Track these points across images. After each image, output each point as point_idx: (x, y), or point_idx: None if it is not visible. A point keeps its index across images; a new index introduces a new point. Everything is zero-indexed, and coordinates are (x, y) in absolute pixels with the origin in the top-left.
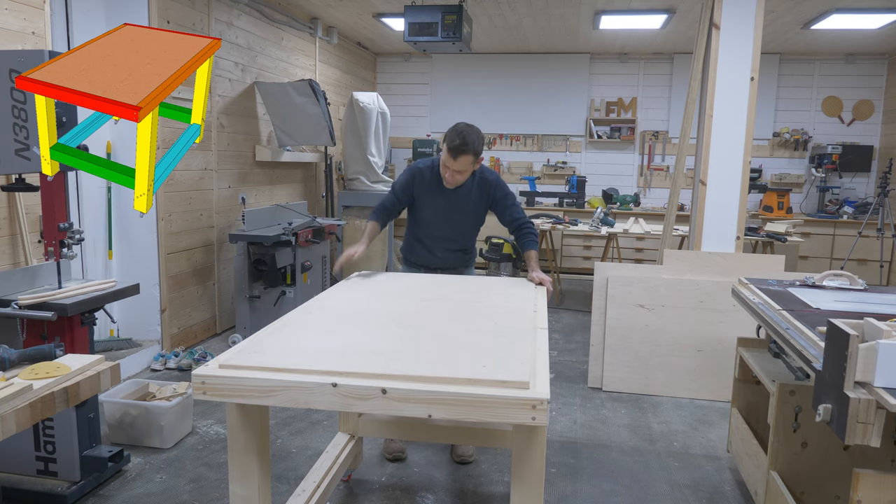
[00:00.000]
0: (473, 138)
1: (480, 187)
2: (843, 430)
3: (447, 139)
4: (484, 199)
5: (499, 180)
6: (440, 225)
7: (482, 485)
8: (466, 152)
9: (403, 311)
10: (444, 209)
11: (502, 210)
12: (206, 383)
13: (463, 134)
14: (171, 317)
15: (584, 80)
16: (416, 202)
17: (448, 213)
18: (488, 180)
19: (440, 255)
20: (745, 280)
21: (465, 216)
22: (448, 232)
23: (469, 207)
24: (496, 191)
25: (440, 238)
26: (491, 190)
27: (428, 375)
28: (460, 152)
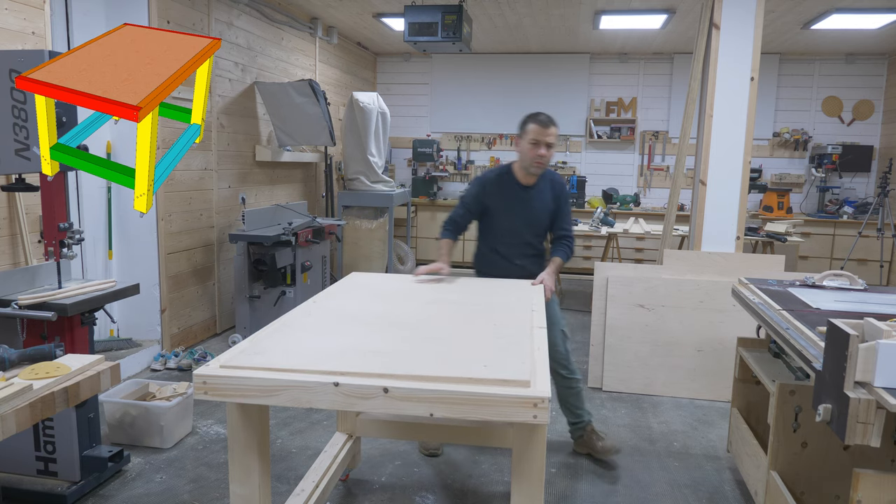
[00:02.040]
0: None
1: (552, 186)
2: (843, 430)
3: (529, 118)
4: (554, 199)
5: (565, 185)
6: (518, 230)
7: (482, 485)
8: (554, 123)
9: (403, 311)
10: (521, 212)
11: (560, 216)
12: (207, 383)
13: (545, 114)
14: (171, 317)
15: (584, 80)
16: (489, 211)
17: (526, 215)
18: (559, 181)
19: (519, 262)
20: (745, 280)
21: (542, 217)
22: (526, 236)
23: (545, 207)
24: (563, 193)
25: (518, 244)
26: (560, 191)
27: (429, 375)
28: (550, 122)
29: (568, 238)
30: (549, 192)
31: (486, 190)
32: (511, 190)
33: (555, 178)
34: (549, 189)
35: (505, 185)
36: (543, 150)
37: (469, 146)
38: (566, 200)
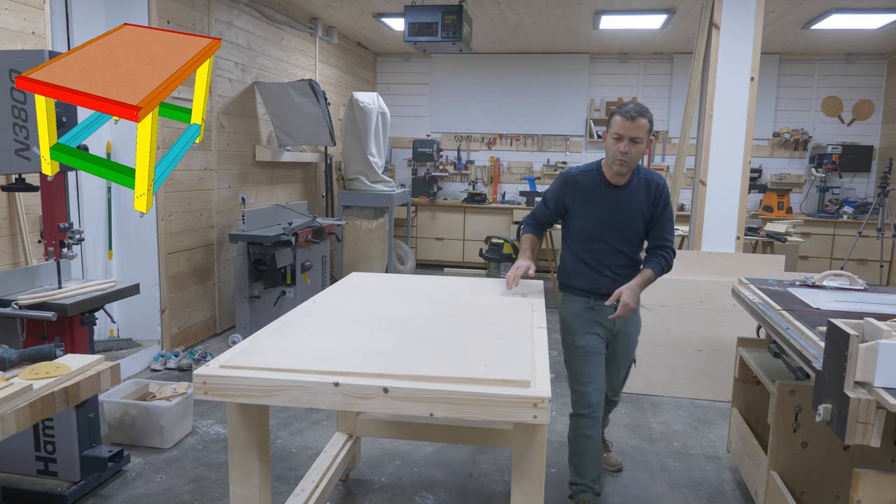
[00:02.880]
0: (647, 108)
1: (648, 187)
2: (843, 430)
3: (616, 110)
4: (650, 202)
5: (665, 188)
6: (605, 235)
7: (482, 485)
8: (644, 114)
9: (403, 311)
10: (608, 214)
11: (656, 222)
12: (207, 383)
13: (636, 103)
14: (171, 317)
15: (584, 80)
16: (572, 213)
17: (613, 219)
18: (656, 182)
19: (609, 273)
20: (745, 280)
21: (633, 222)
22: (615, 242)
23: (636, 211)
24: (662, 196)
25: (607, 252)
26: (658, 194)
27: (429, 375)
28: (638, 113)
29: (666, 249)
30: (643, 193)
31: (568, 188)
32: (597, 189)
33: (652, 177)
34: (644, 190)
35: (591, 183)
36: (625, 146)
37: (469, 146)
38: (666, 205)
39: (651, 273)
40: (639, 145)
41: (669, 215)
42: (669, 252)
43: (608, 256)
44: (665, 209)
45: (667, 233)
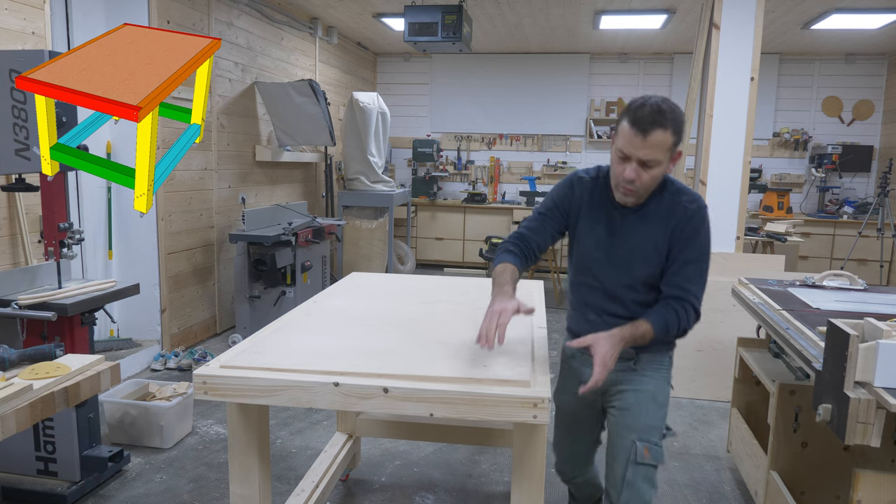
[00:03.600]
0: (673, 109)
1: (671, 212)
2: (843, 430)
3: (627, 111)
4: (671, 234)
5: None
6: (599, 270)
7: (482, 485)
8: (663, 124)
9: (403, 311)
10: (608, 244)
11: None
12: (207, 383)
13: (657, 102)
14: (171, 317)
15: (584, 80)
16: (576, 231)
17: (613, 251)
18: (684, 206)
19: (593, 318)
20: (745, 280)
21: (643, 258)
22: (611, 283)
23: (649, 242)
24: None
25: (597, 293)
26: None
27: (429, 375)
28: (654, 124)
29: (681, 302)
30: (663, 219)
31: (575, 193)
32: (600, 206)
33: (682, 199)
34: (666, 216)
35: (595, 192)
36: (632, 172)
37: (469, 146)
38: (690, 241)
39: (648, 327)
40: (653, 170)
41: (696, 256)
42: (687, 307)
43: (598, 298)
44: (689, 246)
45: (687, 280)
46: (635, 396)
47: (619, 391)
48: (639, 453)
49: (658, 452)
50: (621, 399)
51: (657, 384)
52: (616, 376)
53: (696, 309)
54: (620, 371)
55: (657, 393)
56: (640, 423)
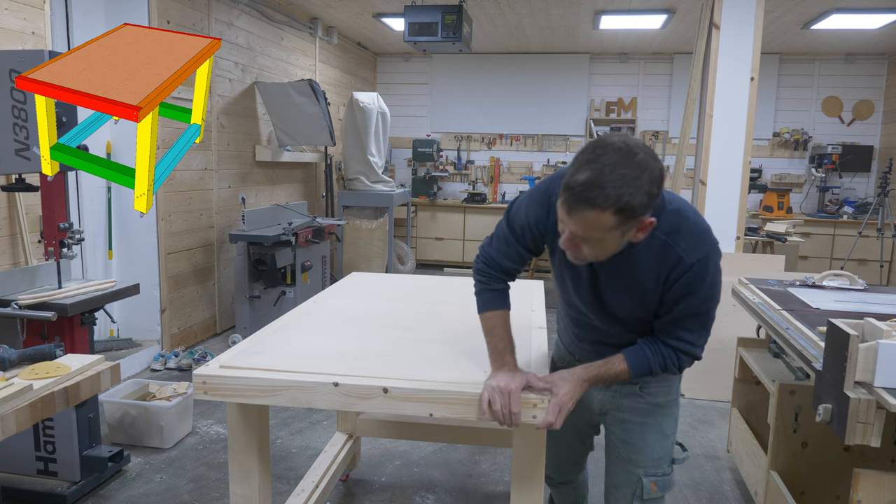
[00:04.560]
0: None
1: (663, 257)
2: (843, 430)
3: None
4: (660, 281)
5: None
6: (586, 307)
7: (482, 485)
8: (596, 204)
9: (403, 311)
10: (590, 282)
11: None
12: (207, 383)
13: (600, 161)
14: (171, 317)
15: (584, 80)
16: (554, 258)
17: (595, 296)
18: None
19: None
20: (745, 280)
21: (632, 303)
22: (599, 318)
23: (634, 286)
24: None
25: (586, 324)
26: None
27: (428, 375)
28: (582, 202)
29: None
30: (652, 265)
31: (551, 218)
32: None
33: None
34: (657, 262)
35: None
36: (568, 242)
37: (469, 146)
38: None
39: (623, 369)
40: (597, 245)
41: (698, 307)
42: (682, 357)
43: (586, 329)
44: (688, 299)
45: (685, 331)
46: (641, 431)
47: (622, 420)
48: (646, 489)
49: (668, 481)
50: (624, 430)
51: (666, 412)
52: (617, 400)
53: (692, 355)
54: (622, 395)
55: (665, 423)
56: (646, 458)
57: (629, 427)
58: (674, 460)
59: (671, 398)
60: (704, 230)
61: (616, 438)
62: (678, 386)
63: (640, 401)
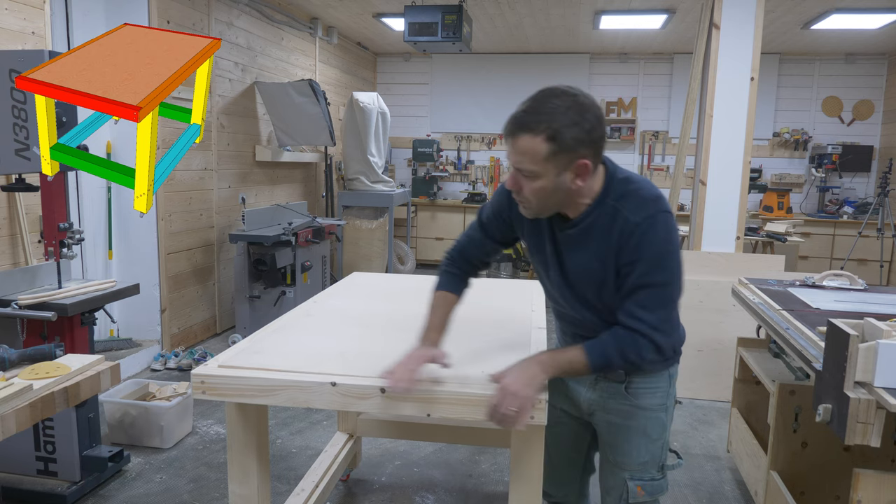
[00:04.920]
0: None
1: (611, 221)
2: (843, 430)
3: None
4: (613, 250)
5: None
6: (558, 292)
7: (482, 485)
8: (531, 128)
9: (403, 311)
10: (553, 269)
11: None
12: (205, 383)
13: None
14: (171, 317)
15: (584, 80)
16: (525, 246)
17: (561, 277)
18: (625, 217)
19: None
20: (745, 280)
21: (585, 276)
22: (573, 305)
23: (591, 261)
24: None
25: (566, 315)
26: (626, 238)
27: (427, 375)
28: (520, 126)
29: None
30: (604, 235)
31: (513, 204)
32: (542, 221)
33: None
34: (607, 231)
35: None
36: (511, 181)
37: (469, 146)
38: (644, 261)
39: (579, 357)
40: (532, 182)
41: (651, 277)
42: (637, 339)
43: (566, 321)
44: (639, 267)
45: (639, 307)
46: (625, 433)
47: (608, 422)
48: (631, 493)
49: (656, 486)
50: (609, 432)
51: (650, 415)
52: (604, 401)
53: (652, 340)
54: (609, 395)
55: (649, 426)
56: (631, 461)
57: (614, 429)
58: (663, 466)
59: (657, 402)
60: (655, 196)
61: (603, 441)
62: (669, 390)
63: (625, 402)
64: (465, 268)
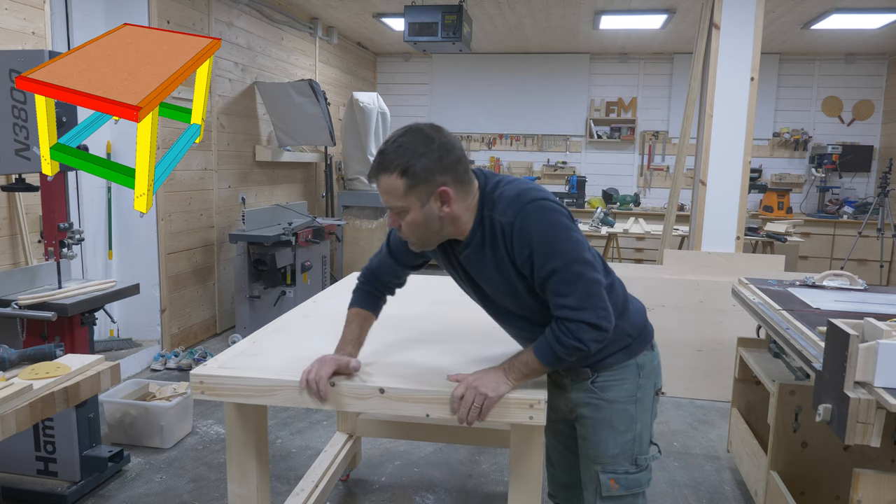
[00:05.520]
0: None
1: (492, 232)
2: (843, 430)
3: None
4: (501, 251)
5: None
6: (486, 308)
7: (482, 485)
8: (387, 168)
9: (403, 311)
10: (469, 283)
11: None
12: (204, 383)
13: (393, 139)
14: (171, 317)
15: (584, 80)
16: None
17: (479, 289)
18: (500, 223)
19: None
20: (745, 280)
21: (504, 290)
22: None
23: (496, 273)
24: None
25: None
26: (511, 241)
27: (425, 376)
28: (378, 168)
29: (560, 322)
30: (491, 246)
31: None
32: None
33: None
34: (492, 241)
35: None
36: (392, 220)
37: (469, 146)
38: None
39: (534, 359)
40: (405, 217)
41: (552, 263)
42: (569, 325)
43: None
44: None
45: (558, 295)
46: (592, 424)
47: (580, 416)
48: (604, 486)
49: (632, 480)
50: (581, 425)
51: (617, 408)
52: (577, 395)
53: (581, 321)
54: (579, 390)
55: (615, 418)
56: (601, 454)
57: (584, 422)
58: (636, 460)
59: (624, 394)
60: (519, 191)
61: (578, 435)
62: (638, 381)
63: (592, 396)
64: (379, 287)
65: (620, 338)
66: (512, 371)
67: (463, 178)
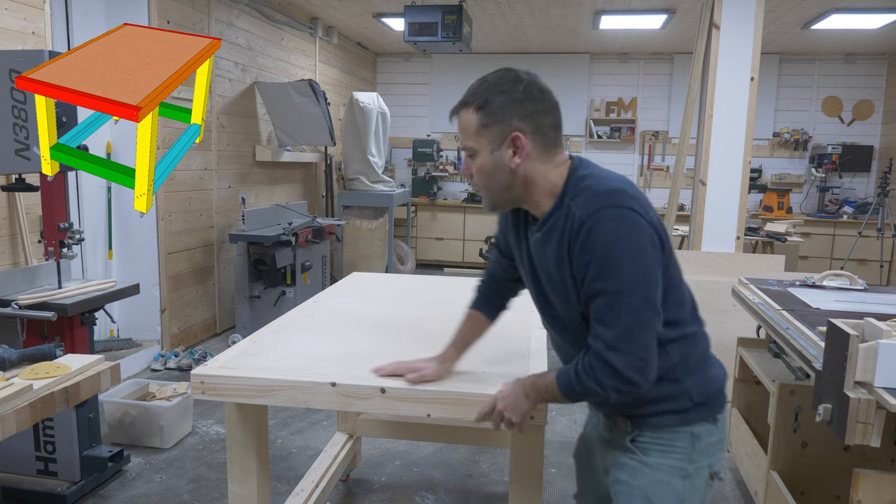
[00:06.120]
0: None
1: (565, 221)
2: (843, 430)
3: None
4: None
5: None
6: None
7: (482, 485)
8: (468, 102)
9: (403, 312)
10: (531, 272)
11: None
12: (204, 383)
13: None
14: (171, 317)
15: (584, 80)
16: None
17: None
18: (576, 215)
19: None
20: (745, 280)
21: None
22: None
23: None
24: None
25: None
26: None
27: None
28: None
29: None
30: (559, 236)
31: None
32: (521, 225)
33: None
34: (561, 230)
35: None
36: (463, 163)
37: None
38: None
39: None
40: (475, 161)
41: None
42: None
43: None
44: (591, 270)
45: (598, 321)
46: (626, 494)
47: (615, 479)
48: None
49: None
50: (614, 491)
51: (657, 475)
52: (614, 455)
53: (606, 361)
54: (616, 447)
55: (652, 491)
56: None
57: (617, 488)
58: None
59: (671, 463)
60: (608, 189)
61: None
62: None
63: (631, 457)
64: (495, 286)
65: (679, 397)
66: (532, 391)
67: (547, 135)
